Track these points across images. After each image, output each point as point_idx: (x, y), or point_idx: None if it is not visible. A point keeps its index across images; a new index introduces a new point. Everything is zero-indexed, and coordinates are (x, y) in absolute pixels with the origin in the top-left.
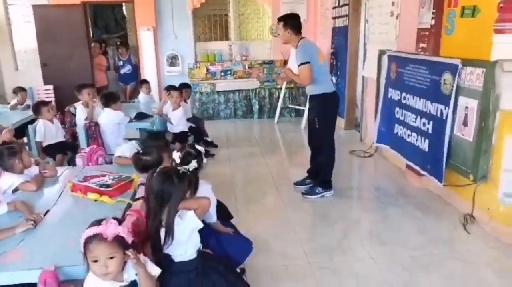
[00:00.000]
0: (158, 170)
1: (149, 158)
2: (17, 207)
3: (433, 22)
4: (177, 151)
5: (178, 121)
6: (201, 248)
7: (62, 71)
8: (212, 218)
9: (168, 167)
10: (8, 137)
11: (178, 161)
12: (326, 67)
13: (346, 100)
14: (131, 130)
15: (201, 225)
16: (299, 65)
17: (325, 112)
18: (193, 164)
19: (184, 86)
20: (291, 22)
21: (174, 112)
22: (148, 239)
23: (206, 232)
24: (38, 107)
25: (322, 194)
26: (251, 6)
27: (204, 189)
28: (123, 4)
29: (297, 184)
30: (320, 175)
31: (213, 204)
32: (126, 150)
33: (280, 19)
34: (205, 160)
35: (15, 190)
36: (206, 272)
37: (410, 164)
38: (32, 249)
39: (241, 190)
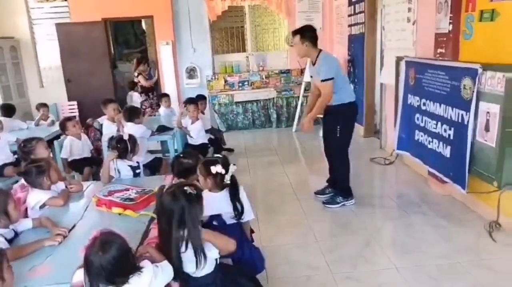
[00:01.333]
0: (166, 188)
1: (190, 161)
2: (42, 223)
3: (450, 27)
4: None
5: (197, 133)
6: (218, 261)
7: (85, 87)
8: (250, 216)
9: (175, 187)
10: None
11: (223, 171)
12: (346, 76)
13: (364, 108)
14: (153, 142)
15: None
16: (322, 81)
17: (348, 121)
18: (233, 168)
19: (200, 98)
20: (308, 34)
21: (193, 125)
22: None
23: (236, 235)
24: (64, 123)
25: (343, 203)
26: (267, 16)
27: (242, 190)
28: (143, 19)
29: (317, 193)
30: (338, 184)
31: (248, 204)
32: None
33: (297, 32)
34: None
35: (42, 206)
36: (225, 284)
37: (432, 170)
38: (59, 264)
39: (261, 200)
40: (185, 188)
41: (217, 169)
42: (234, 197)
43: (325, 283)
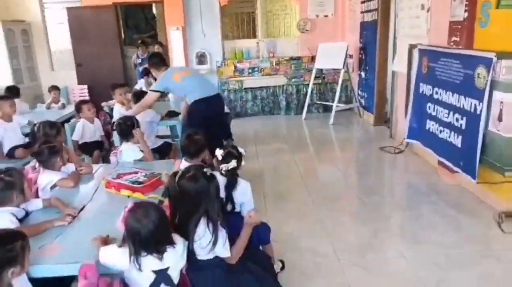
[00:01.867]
0: (182, 172)
1: (201, 137)
2: (52, 203)
3: (466, 14)
4: (219, 149)
5: None
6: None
7: (95, 71)
8: (251, 206)
9: (192, 170)
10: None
11: (220, 158)
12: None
13: (375, 96)
14: (162, 127)
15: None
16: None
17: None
18: (233, 163)
19: None
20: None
21: None
22: None
23: (238, 223)
24: (80, 105)
25: None
26: (278, 2)
27: (243, 186)
28: (153, 4)
29: None
30: None
31: (251, 198)
32: (130, 153)
33: None
34: (243, 162)
35: (53, 187)
36: (233, 270)
37: (442, 160)
38: (69, 244)
39: (270, 187)
40: (204, 170)
41: (218, 153)
42: (228, 188)
43: (332, 270)
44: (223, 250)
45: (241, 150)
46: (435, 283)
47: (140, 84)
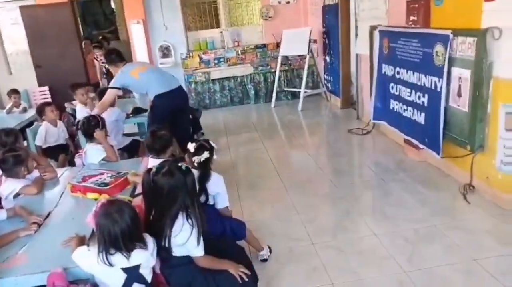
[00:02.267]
0: (156, 168)
1: (165, 133)
2: (16, 212)
3: None
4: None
5: None
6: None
7: (56, 71)
8: (224, 203)
9: (167, 165)
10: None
11: (192, 150)
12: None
13: (341, 79)
14: (129, 124)
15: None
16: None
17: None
18: (205, 155)
19: None
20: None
21: None
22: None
23: (212, 215)
24: (42, 108)
25: None
26: None
27: (216, 180)
28: None
29: None
30: None
31: (225, 190)
32: (94, 152)
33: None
34: (215, 156)
35: (16, 195)
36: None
37: (408, 138)
38: (35, 253)
39: (243, 176)
40: (179, 164)
41: (190, 146)
42: (200, 180)
43: (307, 253)
44: (195, 248)
45: (212, 143)
46: (406, 258)
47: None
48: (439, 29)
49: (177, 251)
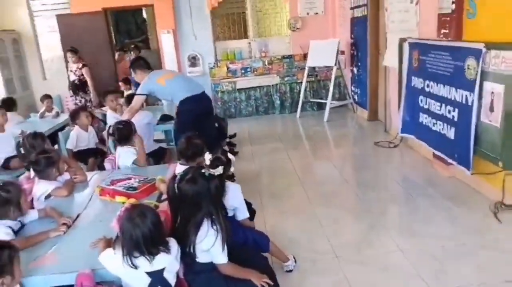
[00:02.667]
0: (181, 176)
1: (200, 142)
2: (47, 213)
3: (453, 6)
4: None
5: None
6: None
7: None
8: (244, 215)
9: (191, 172)
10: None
11: (207, 162)
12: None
13: (368, 91)
14: (157, 132)
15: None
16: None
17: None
18: (219, 170)
19: None
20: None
21: None
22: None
23: (234, 225)
24: (77, 112)
25: None
26: (268, 1)
27: (233, 190)
28: (143, 8)
29: None
30: None
31: (243, 201)
32: (126, 155)
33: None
34: (232, 169)
35: (47, 196)
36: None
37: (437, 153)
38: (64, 253)
39: (266, 186)
40: (202, 171)
41: (206, 157)
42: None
43: (330, 267)
44: (220, 254)
45: (231, 156)
46: (433, 275)
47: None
48: (472, 43)
49: (201, 257)
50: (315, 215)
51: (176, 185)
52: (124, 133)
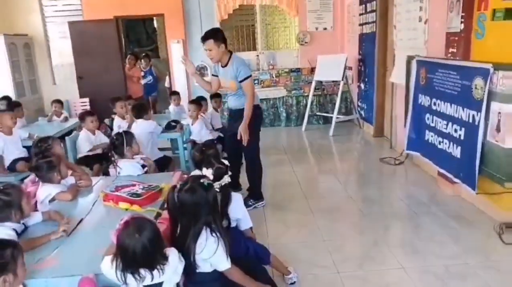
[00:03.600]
0: (180, 186)
1: (212, 151)
2: (51, 216)
3: (462, 26)
4: (207, 168)
5: (198, 133)
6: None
7: (97, 84)
8: (248, 224)
9: (189, 182)
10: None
11: (211, 177)
12: None
13: (375, 107)
14: (163, 140)
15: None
16: (242, 81)
17: (258, 122)
18: (226, 179)
19: (200, 99)
20: (221, 35)
21: (193, 126)
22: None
23: (235, 236)
24: (84, 115)
25: (254, 205)
26: (278, 15)
27: (236, 204)
28: (154, 17)
29: None
30: (251, 187)
31: (245, 211)
32: (131, 169)
33: (208, 36)
34: (229, 172)
35: (51, 200)
36: (231, 283)
37: (442, 171)
38: (66, 257)
39: (270, 198)
40: (201, 180)
41: (206, 172)
42: (222, 204)
43: (332, 282)
44: (224, 261)
45: (226, 161)
46: None
47: (171, 109)
48: (479, 62)
49: (202, 267)
50: (317, 229)
51: (176, 195)
52: (116, 145)
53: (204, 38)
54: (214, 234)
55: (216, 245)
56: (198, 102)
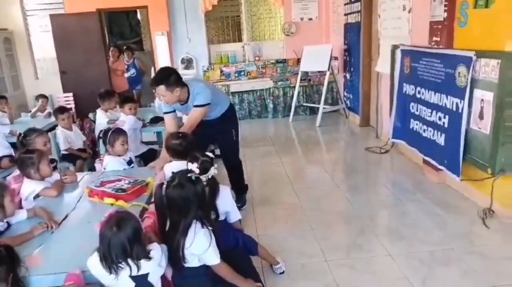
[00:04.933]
0: (168, 182)
1: (190, 139)
2: (36, 213)
3: (445, 14)
4: (192, 163)
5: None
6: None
7: (81, 78)
8: (237, 216)
9: (177, 177)
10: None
11: (197, 171)
12: (215, 87)
13: (360, 97)
14: (149, 134)
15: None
16: (197, 106)
17: (237, 121)
18: (212, 171)
19: None
20: (175, 77)
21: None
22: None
23: (224, 228)
24: (55, 113)
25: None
26: (263, 6)
27: (224, 197)
28: (137, 10)
29: None
30: (239, 183)
31: (233, 203)
32: (116, 164)
33: (160, 81)
34: (216, 165)
35: (36, 196)
36: (219, 279)
37: (427, 159)
38: (51, 254)
39: (257, 190)
40: (188, 175)
41: (192, 166)
42: (210, 197)
43: (320, 270)
44: (214, 256)
45: (210, 154)
46: (420, 280)
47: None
48: (462, 50)
49: (191, 262)
50: (305, 219)
51: (164, 191)
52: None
53: (154, 83)
54: (204, 227)
55: (207, 241)
56: None
